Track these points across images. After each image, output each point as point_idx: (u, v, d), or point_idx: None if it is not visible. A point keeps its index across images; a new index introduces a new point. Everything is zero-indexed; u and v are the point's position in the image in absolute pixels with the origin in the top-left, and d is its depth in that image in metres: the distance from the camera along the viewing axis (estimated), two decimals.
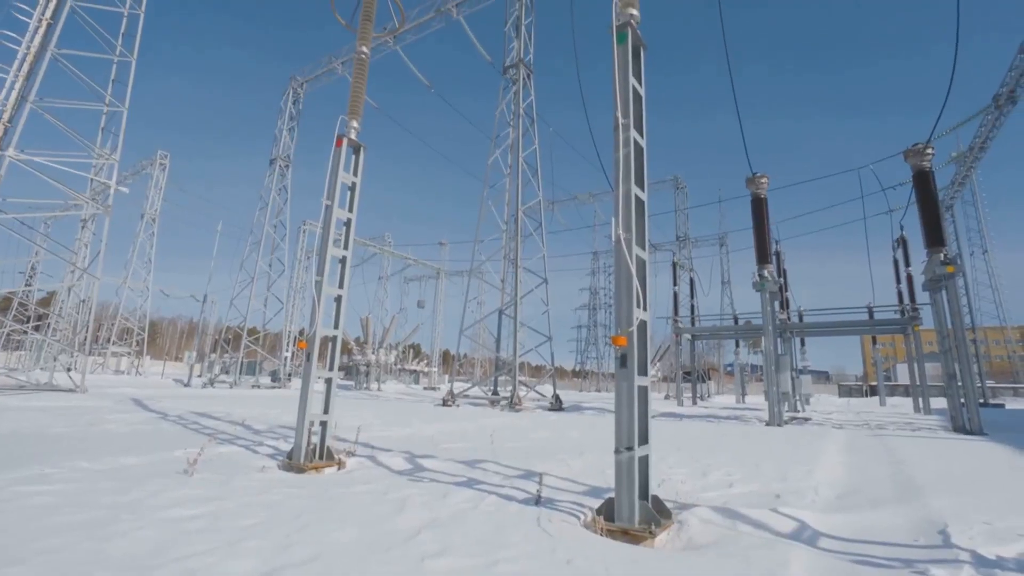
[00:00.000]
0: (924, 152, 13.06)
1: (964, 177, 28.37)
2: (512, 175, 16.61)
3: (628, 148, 4.35)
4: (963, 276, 29.30)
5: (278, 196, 26.58)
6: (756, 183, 14.13)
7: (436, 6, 20.72)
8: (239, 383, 24.47)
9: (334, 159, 7.11)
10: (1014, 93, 22.36)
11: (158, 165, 34.80)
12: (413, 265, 44.10)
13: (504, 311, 16.07)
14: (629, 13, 4.67)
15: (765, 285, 13.57)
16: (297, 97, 27.54)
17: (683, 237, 35.32)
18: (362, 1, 7.87)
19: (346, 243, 7.47)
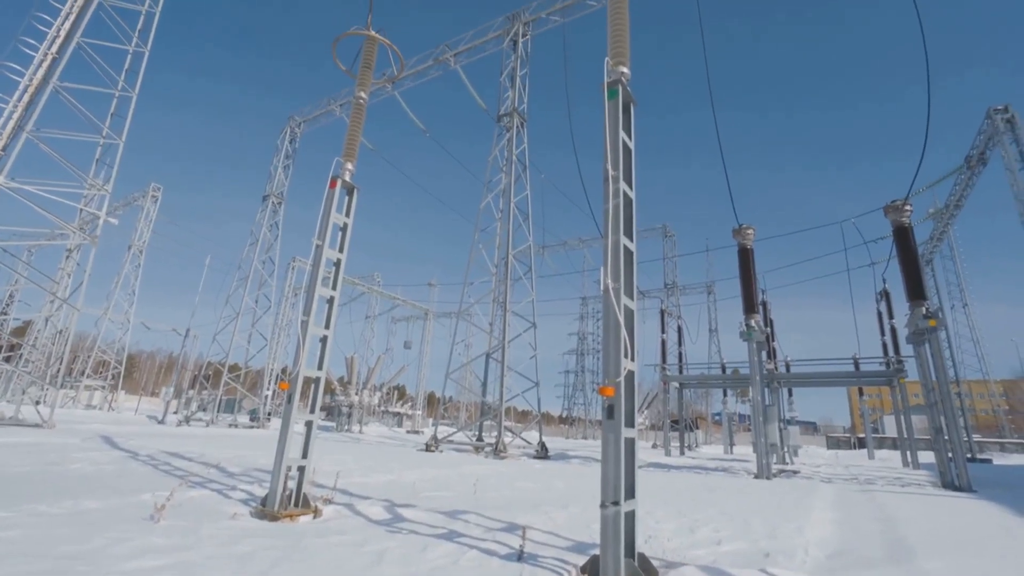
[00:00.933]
0: (902, 208, 13.51)
1: (942, 233, 29.30)
2: (503, 219, 16.88)
3: (617, 200, 4.45)
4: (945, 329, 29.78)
5: (269, 232, 26.62)
6: (743, 234, 14.45)
7: (435, 55, 21.57)
8: (216, 422, 23.71)
9: (327, 200, 7.17)
10: (984, 154, 23.47)
11: (150, 197, 34.85)
12: (401, 305, 43.91)
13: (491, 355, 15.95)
14: (620, 71, 4.88)
15: (752, 335, 13.66)
16: (294, 136, 28.06)
17: (671, 284, 35.72)
18: (362, 49, 8.15)
19: (335, 283, 7.43)
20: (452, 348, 17.37)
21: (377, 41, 7.77)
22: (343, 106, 25.55)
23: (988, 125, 21.88)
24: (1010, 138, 20.36)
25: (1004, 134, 20.68)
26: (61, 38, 17.45)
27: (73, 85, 17.42)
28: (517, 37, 19.02)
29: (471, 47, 20.93)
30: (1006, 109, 20.86)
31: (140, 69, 19.92)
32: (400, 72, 8.64)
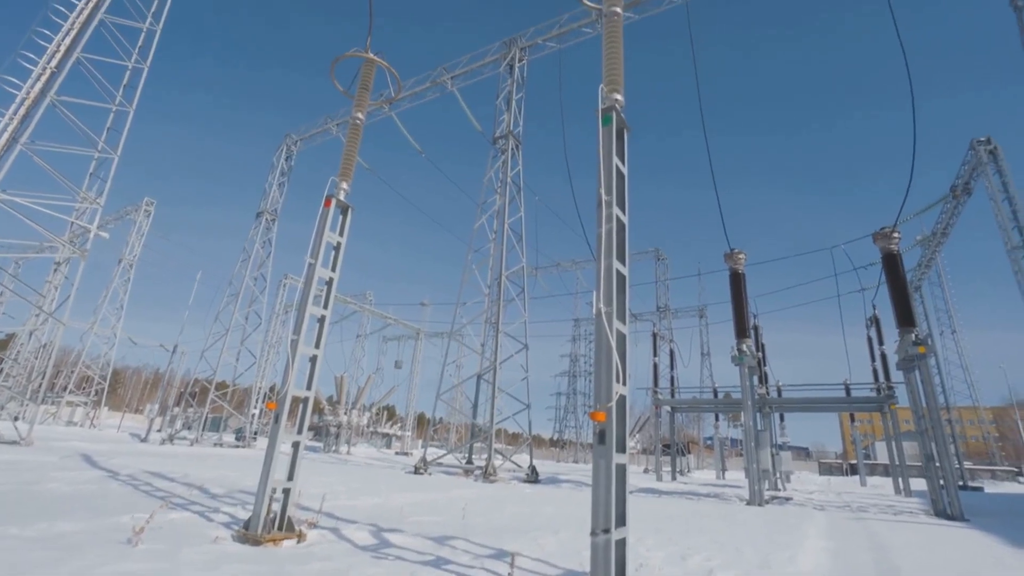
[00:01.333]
0: (891, 236, 13.71)
1: (930, 259, 29.72)
2: (497, 241, 16.94)
3: (611, 224, 4.48)
4: (935, 356, 29.98)
5: (262, 249, 26.53)
6: (734, 259, 14.59)
7: (432, 78, 21.90)
8: (201, 440, 23.24)
9: (321, 219, 7.17)
10: (968, 184, 23.99)
11: (143, 211, 34.71)
12: (393, 325, 43.64)
13: (483, 376, 15.82)
14: (614, 98, 4.96)
15: (744, 359, 13.68)
16: (290, 154, 28.19)
17: (663, 308, 35.83)
18: (361, 71, 8.26)
19: (326, 302, 7.38)
20: (443, 369, 17.25)
21: (375, 64, 7.88)
22: (340, 125, 25.79)
23: (972, 156, 22.41)
24: (993, 169, 20.84)
25: (987, 165, 21.17)
26: (61, 53, 17.55)
27: (71, 99, 17.46)
28: (513, 62, 19.38)
29: (468, 70, 21.30)
30: (988, 141, 21.39)
31: (139, 84, 20.02)
32: (398, 94, 8.74)
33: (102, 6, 18.77)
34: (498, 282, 16.36)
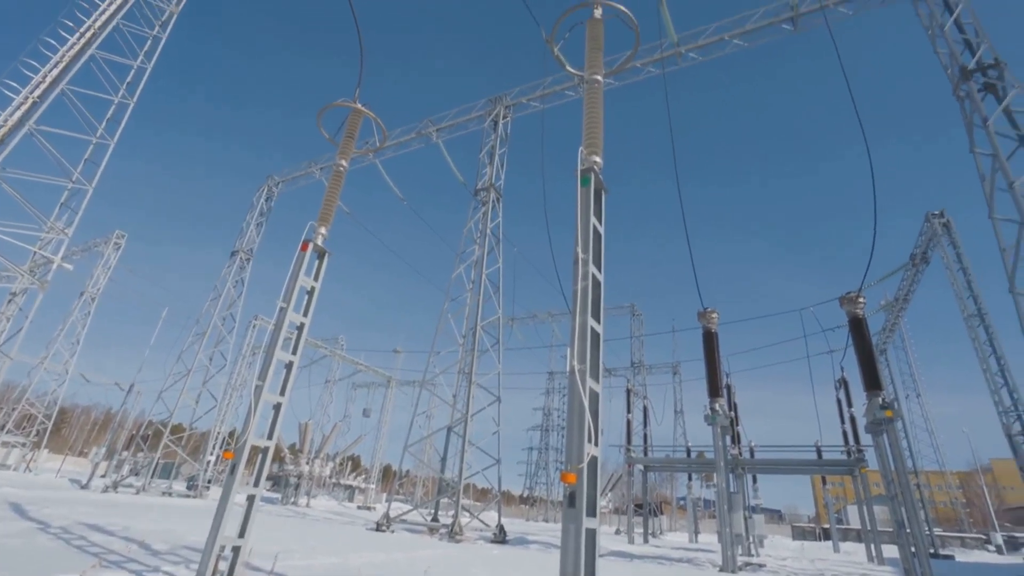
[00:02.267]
0: (856, 300, 14.18)
1: (893, 324, 30.77)
2: (474, 291, 16.98)
3: (586, 282, 4.52)
4: (901, 419, 30.50)
5: (233, 288, 25.96)
6: (707, 317, 14.84)
7: (418, 129, 22.50)
8: (148, 488, 21.76)
9: (296, 262, 7.08)
10: (926, 254, 25.29)
11: (112, 244, 33.85)
12: (364, 371, 42.56)
13: (453, 428, 15.41)
14: (593, 160, 5.14)
15: (716, 419, 13.66)
16: (271, 195, 28.18)
17: (638, 363, 35.93)
18: (347, 119, 8.42)
19: (295, 348, 7.19)
20: (413, 419, 16.73)
21: (362, 114, 8.06)
22: (323, 169, 26.03)
23: (927, 227, 23.73)
24: (947, 240, 22.06)
25: (942, 236, 22.42)
26: (46, 83, 17.51)
27: (50, 129, 17.30)
28: (498, 118, 20.13)
29: (454, 124, 22.00)
30: (942, 214, 22.75)
31: (123, 119, 19.95)
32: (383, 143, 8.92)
33: (94, 42, 18.97)
34: (473, 332, 16.25)
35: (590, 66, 5.78)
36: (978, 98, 13.42)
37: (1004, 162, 12.36)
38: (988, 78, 13.59)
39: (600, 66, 5.81)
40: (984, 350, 19.51)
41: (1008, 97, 12.95)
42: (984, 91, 13.56)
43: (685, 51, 18.27)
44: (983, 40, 13.84)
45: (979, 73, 13.72)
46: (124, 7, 19.89)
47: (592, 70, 5.74)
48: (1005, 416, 18.94)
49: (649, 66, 18.72)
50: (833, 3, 16.53)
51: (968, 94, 13.60)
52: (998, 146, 12.56)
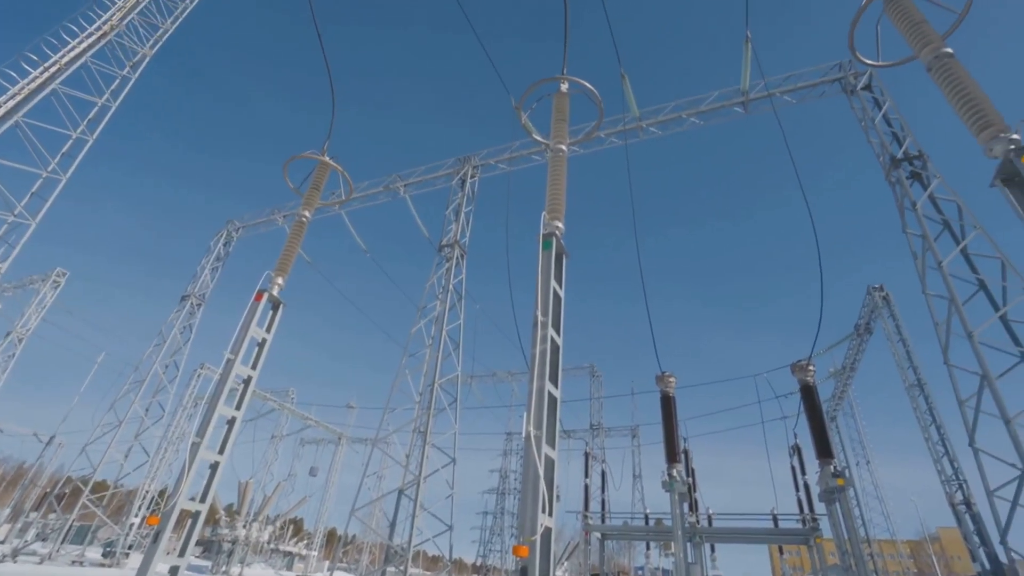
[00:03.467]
0: (807, 368, 14.66)
1: (842, 391, 31.81)
2: (433, 347, 16.71)
3: (545, 345, 4.49)
4: (853, 487, 30.96)
5: (180, 335, 24.68)
6: (665, 381, 14.98)
7: (386, 183, 22.77)
8: (56, 556, 19.48)
9: (249, 312, 6.81)
10: (869, 325, 26.64)
11: (51, 282, 31.93)
12: (313, 426, 40.49)
13: (404, 491, 14.64)
14: (555, 225, 5.25)
15: (674, 486, 13.51)
16: (230, 239, 27.51)
17: (596, 426, 35.62)
18: (314, 171, 8.42)
19: (240, 402, 6.79)
20: (363, 480, 15.84)
21: (329, 167, 8.09)
22: (287, 217, 25.73)
23: (869, 300, 25.14)
24: (887, 313, 23.37)
25: (882, 309, 23.75)
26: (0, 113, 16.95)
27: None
28: (466, 177, 20.63)
29: (422, 180, 22.40)
30: (881, 288, 24.21)
31: (79, 155, 19.31)
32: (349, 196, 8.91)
33: (58, 77, 18.61)
34: (431, 389, 15.83)
35: (555, 136, 6.03)
36: (907, 184, 14.67)
37: (932, 244, 13.36)
38: (914, 167, 14.93)
39: (565, 136, 6.07)
40: (924, 419, 20.33)
41: (931, 185, 14.18)
42: (911, 178, 14.85)
43: (646, 125, 19.47)
44: (908, 134, 15.32)
45: (906, 162, 15.06)
46: (95, 46, 19.76)
47: (557, 139, 5.98)
48: (947, 485, 19.49)
49: (612, 137, 19.80)
50: (779, 92, 18.10)
51: (898, 180, 14.85)
52: (927, 228, 13.60)
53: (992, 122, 5.43)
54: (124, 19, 20.50)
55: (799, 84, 18.04)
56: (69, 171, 18.78)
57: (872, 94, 16.54)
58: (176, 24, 22.33)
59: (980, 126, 5.50)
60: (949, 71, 5.86)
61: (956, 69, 5.83)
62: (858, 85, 16.83)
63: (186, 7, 22.54)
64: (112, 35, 20.21)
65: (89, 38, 19.41)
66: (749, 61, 17.33)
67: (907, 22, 6.59)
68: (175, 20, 22.20)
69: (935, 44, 6.17)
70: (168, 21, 22.11)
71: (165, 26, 22.04)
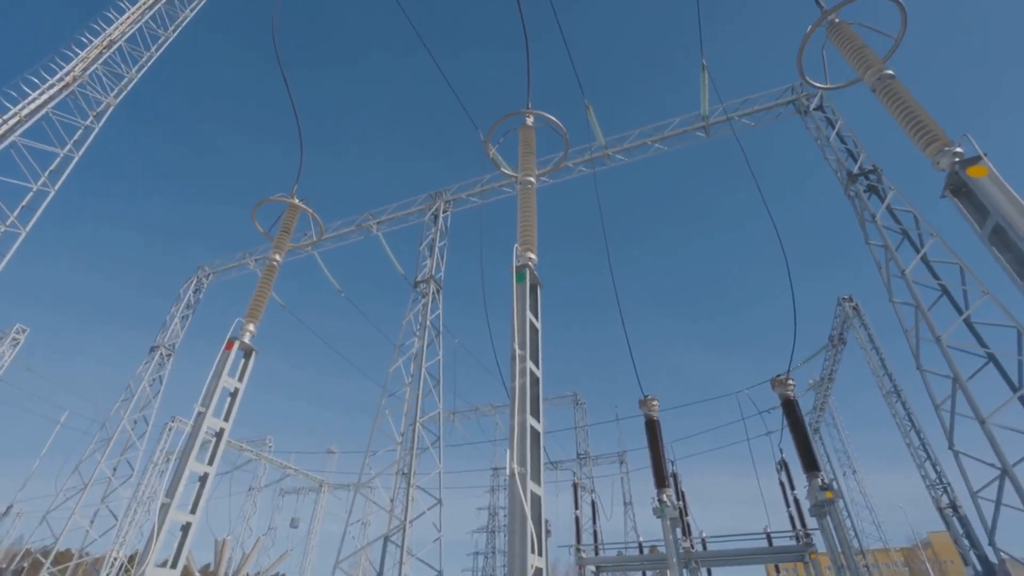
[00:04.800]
0: (787, 383, 14.77)
1: (823, 403, 32.22)
2: (413, 385, 16.43)
3: (524, 379, 4.43)
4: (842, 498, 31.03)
5: (149, 387, 23.75)
6: (648, 405, 14.91)
7: (358, 221, 22.72)
8: None
9: (219, 362, 6.60)
10: (843, 335, 27.22)
11: (10, 340, 30.57)
12: (293, 475, 38.99)
13: (390, 537, 14.09)
14: (527, 256, 5.26)
15: (665, 511, 13.30)
16: (200, 286, 26.89)
17: (584, 455, 35.20)
18: (284, 214, 8.34)
19: (212, 457, 6.50)
20: (346, 528, 15.22)
21: (299, 209, 8.02)
22: (258, 261, 25.33)
23: (840, 311, 25.77)
24: (859, 323, 23.96)
25: (854, 319, 24.34)
26: None
27: None
28: (438, 212, 20.73)
29: (394, 217, 22.43)
30: (851, 298, 24.87)
31: (39, 208, 18.74)
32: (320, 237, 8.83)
33: (18, 129, 18.23)
34: (413, 428, 15.47)
35: (523, 169, 6.12)
36: (864, 197, 15.26)
37: (894, 253, 13.83)
38: (870, 180, 15.57)
39: (533, 169, 6.16)
40: (904, 425, 20.65)
41: (888, 197, 14.77)
42: (868, 192, 15.46)
43: (612, 153, 19.97)
44: (861, 150, 16.03)
45: (862, 176, 15.70)
46: (57, 97, 19.47)
47: (525, 172, 6.06)
48: (933, 490, 19.68)
49: (580, 166, 20.24)
50: (737, 116, 18.83)
51: (856, 194, 15.44)
52: (887, 239, 14.09)
53: (936, 137, 5.72)
54: (87, 69, 20.31)
55: (755, 108, 18.81)
56: (29, 224, 18.21)
57: (824, 114, 17.32)
58: (141, 73, 22.23)
59: (925, 141, 5.78)
60: (892, 91, 6.18)
61: (898, 89, 6.15)
62: (811, 106, 17.63)
63: (151, 56, 22.50)
64: (75, 85, 19.97)
65: (51, 89, 19.13)
66: (707, 88, 18.07)
67: (849, 48, 6.97)
68: (140, 69, 22.11)
69: (877, 67, 6.52)
70: (133, 70, 21.99)
71: (130, 75, 21.88)
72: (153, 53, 22.33)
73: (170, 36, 22.90)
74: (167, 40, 22.79)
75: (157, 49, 22.46)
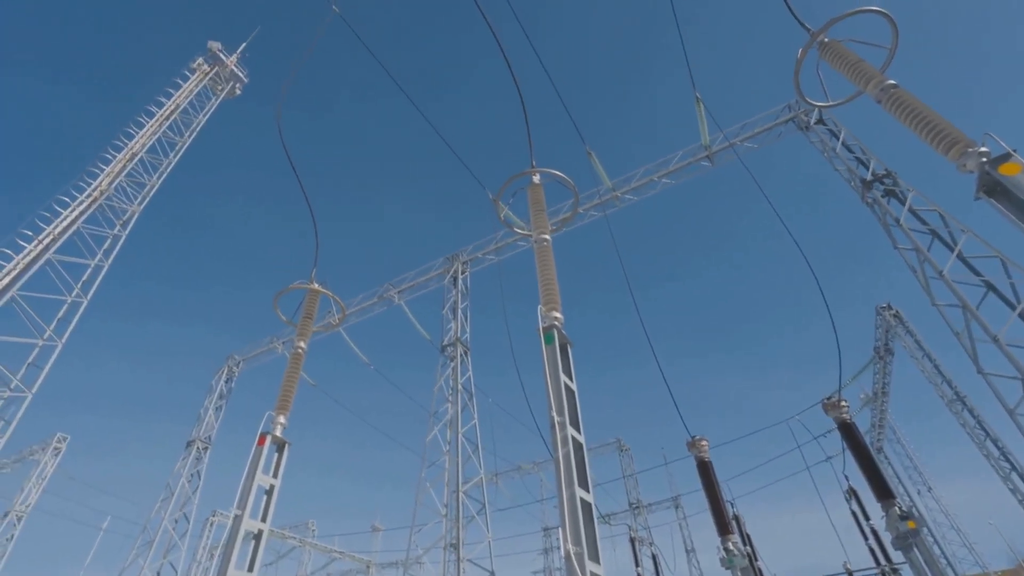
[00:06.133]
0: (840, 405, 13.93)
1: (881, 420, 30.34)
2: (452, 452, 15.99)
3: (567, 447, 4.16)
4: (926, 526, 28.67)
5: (188, 484, 23.63)
6: (697, 446, 14.15)
7: (379, 293, 22.99)
8: None
9: (253, 459, 6.44)
10: (888, 345, 25.92)
11: (52, 449, 30.97)
12: (339, 558, 37.79)
13: None
14: (553, 316, 5.08)
15: (734, 561, 12.33)
16: (231, 376, 27.19)
17: (636, 504, 33.51)
18: (304, 300, 8.39)
19: (252, 563, 6.23)
20: None
21: (319, 293, 8.07)
22: (286, 343, 25.64)
23: (880, 320, 24.69)
24: (903, 330, 22.86)
25: (897, 327, 23.25)
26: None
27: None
28: (457, 274, 20.88)
29: (414, 284, 22.67)
30: (890, 306, 23.86)
31: (73, 319, 19.31)
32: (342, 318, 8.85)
33: (52, 247, 19.10)
34: (456, 498, 14.91)
35: (536, 227, 6.06)
36: (884, 202, 14.87)
37: (927, 254, 13.29)
38: (886, 185, 15.22)
39: (546, 225, 6.10)
40: (977, 435, 19.20)
41: (908, 199, 14.35)
42: (887, 196, 15.08)
43: (621, 194, 20.07)
44: (870, 156, 15.78)
45: (877, 182, 15.37)
46: (86, 212, 20.51)
47: (539, 230, 6.00)
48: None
49: (591, 210, 20.35)
50: (740, 141, 18.88)
51: (875, 200, 15.08)
52: (917, 241, 13.59)
53: (957, 139, 5.52)
54: (113, 183, 21.50)
55: (756, 130, 18.85)
56: (64, 336, 18.75)
57: (826, 126, 17.24)
58: (161, 179, 23.45)
59: (946, 145, 5.58)
60: (900, 100, 6.05)
61: (906, 97, 6.02)
62: (811, 121, 17.59)
63: (170, 163, 23.80)
64: (102, 199, 21.09)
65: (80, 206, 20.21)
66: (704, 118, 18.24)
67: (844, 64, 6.92)
68: (160, 176, 23.34)
69: (877, 79, 6.42)
70: (154, 177, 23.20)
71: (151, 182, 23.07)
72: (172, 160, 23.63)
73: (186, 141, 24.29)
74: (184, 145, 24.17)
75: (175, 156, 23.77)
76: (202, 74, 25.51)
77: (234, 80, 26.97)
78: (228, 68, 26.40)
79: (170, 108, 23.78)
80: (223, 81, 26.47)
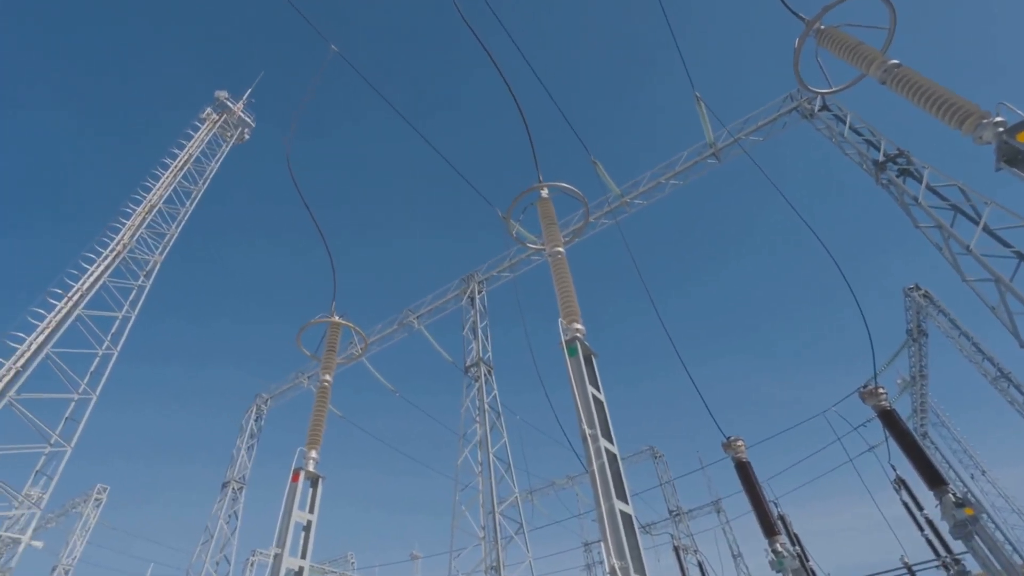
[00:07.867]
0: (878, 393, 13.50)
1: (922, 404, 29.32)
2: (484, 474, 15.87)
3: (601, 459, 4.10)
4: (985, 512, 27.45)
5: (226, 525, 23.79)
6: (733, 447, 13.81)
7: (398, 320, 23.15)
8: None
9: (288, 497, 6.47)
10: (921, 327, 25.14)
11: (92, 501, 31.49)
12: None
13: None
14: (574, 328, 5.04)
15: (784, 563, 11.91)
16: (260, 414, 27.49)
17: (676, 511, 32.75)
18: (327, 333, 8.48)
19: None
20: None
21: (341, 326, 8.16)
22: (311, 377, 25.89)
23: (910, 302, 24.02)
24: (935, 310, 22.21)
25: (928, 307, 22.60)
26: (30, 352, 17.65)
27: (30, 395, 17.06)
28: (474, 294, 20.95)
29: (432, 308, 22.79)
30: (917, 287, 23.21)
31: (106, 371, 19.75)
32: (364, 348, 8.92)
33: (81, 303, 19.66)
34: (492, 519, 14.73)
35: (549, 241, 6.05)
36: (900, 182, 14.57)
37: (951, 230, 12.95)
38: (900, 164, 14.92)
39: (558, 238, 6.09)
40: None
41: (925, 176, 14.03)
42: (901, 175, 14.78)
43: (630, 199, 20.01)
44: (880, 137, 15.52)
45: (890, 162, 15.08)
46: (111, 267, 21.14)
47: (552, 244, 5.99)
48: None
49: (602, 219, 20.31)
50: (745, 135, 18.75)
51: (890, 180, 14.79)
52: (939, 218, 13.26)
53: (970, 112, 5.41)
54: (134, 235, 22.17)
55: (760, 123, 18.70)
56: (98, 388, 19.18)
57: (831, 112, 17.04)
58: (180, 227, 24.10)
59: (959, 118, 5.47)
60: (905, 78, 5.96)
61: (911, 75, 5.93)
62: (815, 108, 17.40)
63: (187, 210, 24.48)
64: (125, 252, 21.73)
65: (105, 260, 20.86)
66: (706, 116, 18.18)
67: (844, 49, 6.86)
68: (179, 224, 23.99)
69: (880, 60, 6.35)
70: (173, 226, 23.86)
71: (171, 231, 23.73)
72: (188, 208, 24.30)
73: (201, 189, 24.98)
74: (199, 193, 24.86)
75: (191, 204, 24.45)
76: (211, 123, 26.35)
77: (242, 126, 27.79)
78: (236, 115, 27.22)
79: (183, 159, 24.55)
80: (232, 128, 27.30)
